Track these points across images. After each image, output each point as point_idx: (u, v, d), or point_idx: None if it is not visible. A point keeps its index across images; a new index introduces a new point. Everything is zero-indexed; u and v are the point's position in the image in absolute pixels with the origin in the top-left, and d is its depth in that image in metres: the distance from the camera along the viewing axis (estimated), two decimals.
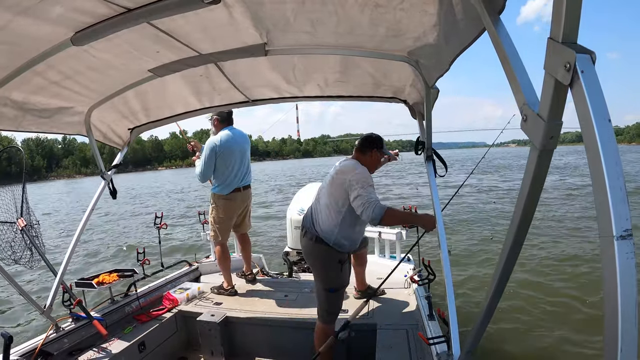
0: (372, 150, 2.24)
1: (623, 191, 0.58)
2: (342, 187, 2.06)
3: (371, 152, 2.24)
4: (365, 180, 2.03)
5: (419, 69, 1.68)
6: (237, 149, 3.10)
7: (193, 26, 1.38)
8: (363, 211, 1.95)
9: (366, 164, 2.18)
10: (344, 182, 2.06)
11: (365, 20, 1.33)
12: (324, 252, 2.13)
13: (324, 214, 2.13)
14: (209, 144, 3.00)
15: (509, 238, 0.92)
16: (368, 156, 2.24)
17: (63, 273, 2.25)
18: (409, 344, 2.21)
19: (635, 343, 0.58)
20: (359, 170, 2.08)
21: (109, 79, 1.83)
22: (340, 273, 2.17)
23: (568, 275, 5.38)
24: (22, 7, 1.08)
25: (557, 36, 0.65)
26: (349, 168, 2.10)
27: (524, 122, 0.77)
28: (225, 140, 3.02)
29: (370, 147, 2.24)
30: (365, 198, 1.96)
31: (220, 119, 3.11)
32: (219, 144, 2.99)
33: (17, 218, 2.31)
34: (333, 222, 2.10)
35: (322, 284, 2.17)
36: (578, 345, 3.53)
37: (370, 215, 1.93)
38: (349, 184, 2.03)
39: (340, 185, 2.06)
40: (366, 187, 1.99)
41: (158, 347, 2.49)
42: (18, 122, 1.85)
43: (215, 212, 3.14)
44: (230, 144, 3.04)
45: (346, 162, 2.22)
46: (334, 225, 2.10)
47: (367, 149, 2.25)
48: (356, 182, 2.01)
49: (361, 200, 1.96)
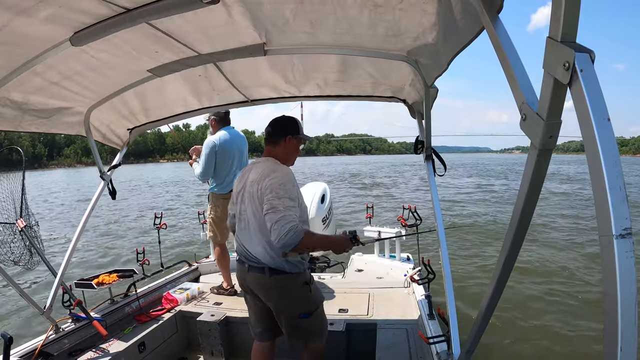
0: (286, 137, 1.80)
1: (622, 190, 0.58)
2: (259, 200, 1.65)
3: (285, 140, 1.80)
4: (281, 187, 1.60)
5: (418, 68, 1.68)
6: (235, 148, 3.11)
7: (192, 26, 1.38)
8: (273, 232, 1.52)
9: (281, 157, 1.80)
10: (257, 192, 1.65)
11: (365, 20, 1.33)
12: (285, 282, 1.73)
13: (263, 239, 1.69)
14: (207, 144, 3.00)
15: (508, 237, 0.92)
16: (282, 146, 1.81)
17: (63, 274, 2.25)
18: (409, 343, 2.21)
19: (635, 342, 0.58)
20: (275, 174, 1.66)
21: (108, 79, 1.83)
22: (311, 294, 1.81)
23: (568, 275, 5.38)
24: (22, 8, 1.08)
25: (556, 35, 0.65)
26: (263, 174, 1.68)
27: (523, 121, 0.77)
28: (224, 140, 3.04)
29: (283, 134, 1.80)
30: (280, 215, 1.53)
31: (218, 119, 3.12)
32: (218, 144, 3.00)
33: (17, 219, 2.31)
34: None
35: (294, 313, 1.78)
36: (578, 344, 3.53)
37: (282, 240, 1.49)
38: (263, 192, 1.62)
39: (258, 199, 1.66)
40: (282, 197, 1.57)
41: (158, 348, 2.49)
42: (17, 123, 1.85)
43: (214, 212, 3.15)
44: (228, 144, 3.05)
45: (258, 164, 1.78)
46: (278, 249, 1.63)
47: (279, 137, 1.80)
48: (270, 190, 1.60)
49: (274, 216, 1.53)
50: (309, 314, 1.80)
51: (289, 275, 1.72)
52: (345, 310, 2.65)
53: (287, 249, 1.56)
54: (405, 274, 3.08)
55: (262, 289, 1.78)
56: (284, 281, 1.73)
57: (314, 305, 1.83)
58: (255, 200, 1.68)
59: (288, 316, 1.80)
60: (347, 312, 2.61)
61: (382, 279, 3.28)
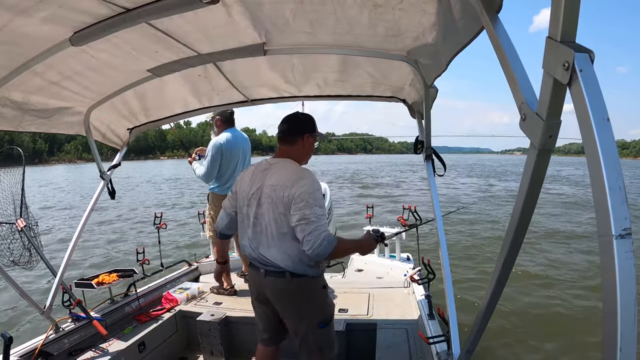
0: (303, 136, 1.71)
1: (622, 190, 0.58)
2: (284, 206, 1.56)
3: (302, 138, 1.70)
4: (311, 195, 1.53)
5: (417, 68, 1.68)
6: (239, 150, 3.11)
7: (192, 26, 1.38)
8: (306, 242, 1.48)
9: (297, 157, 1.71)
10: (282, 199, 1.55)
11: (365, 20, 1.33)
12: (307, 285, 1.66)
13: (284, 244, 1.60)
14: (214, 145, 3.00)
15: (508, 238, 0.92)
16: (299, 145, 1.71)
17: (63, 273, 2.26)
18: (409, 343, 2.21)
19: (634, 342, 0.58)
20: (304, 181, 1.55)
21: (107, 79, 1.83)
22: (327, 298, 1.76)
23: (568, 275, 5.38)
24: (22, 7, 1.08)
25: (555, 35, 0.65)
26: (289, 179, 1.57)
27: (522, 121, 0.77)
28: (229, 142, 3.04)
29: (300, 132, 1.70)
30: (313, 226, 1.48)
31: (223, 119, 3.11)
32: (225, 144, 3.01)
33: (17, 219, 2.31)
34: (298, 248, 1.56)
35: (315, 319, 1.70)
36: (578, 344, 3.53)
37: (317, 250, 1.47)
38: (290, 199, 1.53)
39: (283, 205, 1.56)
40: (313, 206, 1.51)
41: (158, 347, 2.49)
42: (17, 123, 1.85)
43: (214, 212, 3.15)
44: (232, 145, 3.06)
45: (277, 166, 1.66)
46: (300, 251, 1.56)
47: (297, 136, 1.70)
48: (300, 199, 1.51)
49: (307, 227, 1.48)
50: (327, 323, 1.73)
51: (311, 278, 1.66)
52: (345, 310, 2.65)
53: (320, 258, 1.55)
54: (405, 274, 3.08)
55: (282, 294, 1.67)
56: (306, 284, 1.66)
57: (330, 311, 1.77)
58: (278, 206, 1.57)
59: (308, 323, 1.69)
60: (347, 312, 2.61)
61: (382, 279, 3.29)
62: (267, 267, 1.66)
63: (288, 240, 1.58)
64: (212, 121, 3.17)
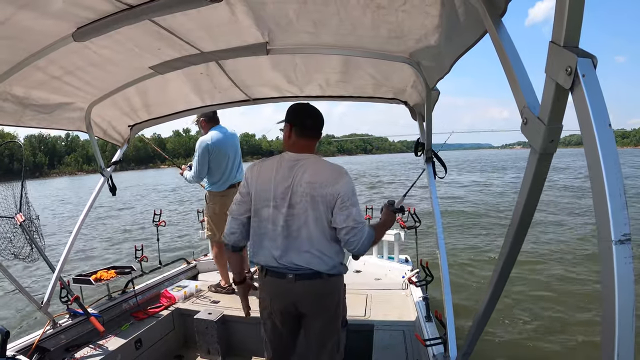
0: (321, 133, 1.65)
1: (622, 196, 0.58)
2: (326, 205, 1.48)
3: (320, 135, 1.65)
4: (354, 191, 1.52)
5: (420, 70, 1.68)
6: (228, 146, 3.11)
7: (195, 24, 1.38)
8: (351, 243, 1.49)
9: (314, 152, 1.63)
10: (326, 197, 1.47)
11: (367, 22, 1.33)
12: (339, 284, 1.62)
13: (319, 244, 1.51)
14: (200, 144, 3.00)
15: (507, 241, 0.92)
16: (316, 142, 1.63)
17: (61, 269, 2.25)
18: (406, 345, 2.21)
19: (632, 348, 0.58)
20: (344, 179, 1.50)
21: (109, 75, 1.82)
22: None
23: (567, 279, 5.38)
24: (25, 1, 1.08)
25: (558, 40, 0.65)
26: (329, 176, 1.49)
27: (524, 125, 0.77)
28: (217, 139, 3.03)
29: (322, 129, 1.64)
30: (360, 226, 1.48)
31: (207, 119, 3.11)
32: (211, 143, 3.00)
33: (16, 213, 2.31)
34: (336, 246, 1.55)
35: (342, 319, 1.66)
36: (575, 349, 3.53)
37: (362, 248, 1.50)
38: (335, 198, 1.47)
39: (324, 204, 1.48)
40: (355, 204, 1.50)
41: (155, 345, 2.48)
42: (18, 117, 1.85)
43: (212, 210, 3.14)
44: (221, 142, 3.05)
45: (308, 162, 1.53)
46: (339, 249, 1.57)
47: (320, 133, 1.63)
48: (347, 197, 1.47)
49: (355, 228, 1.47)
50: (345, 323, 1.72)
51: (341, 277, 1.62)
52: None
53: (362, 254, 1.58)
54: (404, 276, 3.08)
55: (318, 298, 1.55)
56: (339, 283, 1.62)
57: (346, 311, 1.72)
58: (319, 205, 1.47)
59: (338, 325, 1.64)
60: None
61: (380, 281, 3.28)
62: (297, 272, 1.52)
63: (326, 240, 1.51)
64: (197, 124, 3.18)
